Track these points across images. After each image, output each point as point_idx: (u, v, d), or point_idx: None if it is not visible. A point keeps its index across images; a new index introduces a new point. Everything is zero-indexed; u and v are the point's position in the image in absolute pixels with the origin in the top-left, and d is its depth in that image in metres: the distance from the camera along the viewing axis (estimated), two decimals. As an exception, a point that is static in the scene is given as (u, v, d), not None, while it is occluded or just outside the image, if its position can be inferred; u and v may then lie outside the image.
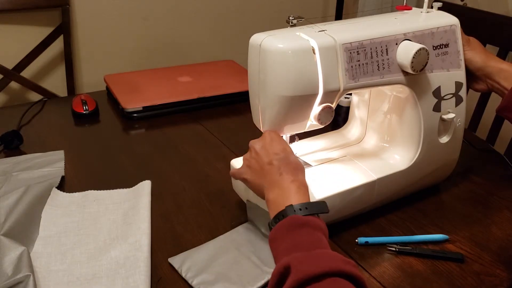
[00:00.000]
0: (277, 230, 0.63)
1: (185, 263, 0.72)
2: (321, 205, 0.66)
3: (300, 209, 0.63)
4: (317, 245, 0.59)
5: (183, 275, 0.71)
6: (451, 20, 0.85)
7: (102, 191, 0.90)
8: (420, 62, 0.77)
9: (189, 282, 0.69)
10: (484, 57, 0.88)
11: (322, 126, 0.79)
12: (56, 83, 1.70)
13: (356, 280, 0.54)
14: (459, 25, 0.85)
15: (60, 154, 1.03)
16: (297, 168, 0.70)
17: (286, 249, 0.59)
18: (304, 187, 0.68)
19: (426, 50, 0.77)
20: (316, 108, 0.76)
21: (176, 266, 0.72)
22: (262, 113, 0.77)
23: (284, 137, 0.83)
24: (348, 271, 0.54)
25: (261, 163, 0.71)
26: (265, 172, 0.70)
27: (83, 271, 0.71)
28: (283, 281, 0.55)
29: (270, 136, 0.75)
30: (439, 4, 0.86)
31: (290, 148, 0.73)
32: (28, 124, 1.19)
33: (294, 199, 0.65)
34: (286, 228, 0.62)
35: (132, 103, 1.22)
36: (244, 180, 0.75)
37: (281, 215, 0.64)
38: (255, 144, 0.74)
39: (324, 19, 1.29)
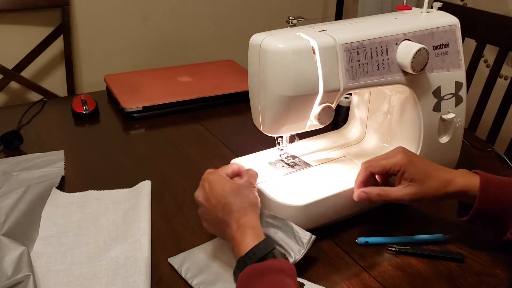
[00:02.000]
0: (240, 284, 0.61)
1: (184, 263, 0.72)
2: (267, 243, 0.64)
3: (250, 258, 0.62)
4: None
5: (183, 275, 0.71)
6: (451, 20, 0.85)
7: (102, 191, 0.90)
8: (420, 62, 0.77)
9: (189, 282, 0.69)
10: (439, 191, 0.74)
11: (322, 126, 0.79)
12: (56, 83, 1.70)
13: None
14: (459, 25, 0.85)
15: (60, 154, 1.03)
16: (239, 209, 0.68)
17: None
18: (250, 229, 0.66)
19: (426, 50, 0.77)
20: (316, 108, 0.76)
21: (175, 266, 0.72)
22: (262, 113, 0.77)
23: (284, 137, 0.83)
24: None
25: (212, 216, 0.70)
26: (218, 226, 0.70)
27: (83, 271, 0.71)
28: None
29: (208, 181, 0.72)
30: (439, 4, 0.86)
31: (230, 186, 0.70)
32: (28, 124, 1.19)
33: (243, 249, 0.64)
34: (247, 281, 0.60)
35: (132, 103, 1.22)
36: (213, 233, 0.75)
37: (238, 271, 0.63)
38: (199, 197, 0.72)
39: (324, 19, 1.29)
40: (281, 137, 0.83)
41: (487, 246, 0.77)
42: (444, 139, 0.88)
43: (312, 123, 0.78)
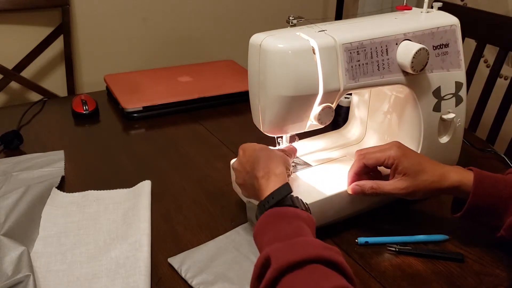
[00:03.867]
0: (257, 226, 0.64)
1: (184, 263, 0.72)
2: (285, 187, 0.66)
3: (268, 201, 0.65)
4: (297, 234, 0.60)
5: (183, 275, 0.71)
6: (451, 20, 0.85)
7: (102, 191, 0.90)
8: (420, 62, 0.77)
9: (189, 282, 0.69)
10: (434, 185, 0.74)
11: (322, 126, 0.79)
12: (56, 83, 1.71)
13: (337, 266, 0.54)
14: (459, 25, 0.85)
15: (60, 154, 1.03)
16: (265, 160, 0.71)
17: (267, 242, 0.60)
18: (273, 175, 0.68)
19: (426, 50, 0.77)
20: (316, 108, 0.76)
21: (175, 266, 0.72)
22: (262, 113, 0.77)
23: (284, 137, 0.83)
24: (327, 257, 0.54)
25: (244, 176, 0.74)
26: (249, 183, 0.73)
27: (83, 271, 0.71)
28: (264, 272, 0.55)
29: (242, 148, 0.76)
30: (439, 4, 0.86)
31: (260, 146, 0.74)
32: (28, 124, 1.19)
33: (265, 193, 0.67)
34: (265, 223, 0.63)
35: (132, 103, 1.22)
36: (245, 195, 0.78)
37: (258, 214, 0.66)
38: (234, 164, 0.78)
39: (324, 19, 1.29)
40: (281, 137, 0.83)
41: (487, 246, 0.77)
42: (444, 139, 0.88)
43: (312, 123, 0.78)
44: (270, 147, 0.77)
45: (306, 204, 0.67)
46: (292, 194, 0.66)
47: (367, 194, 0.76)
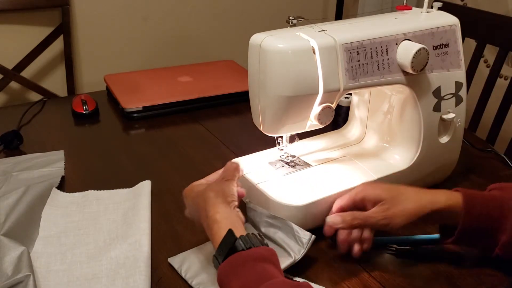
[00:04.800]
0: (219, 278, 0.60)
1: (184, 263, 0.72)
2: (228, 236, 0.61)
3: (220, 254, 0.61)
4: (263, 278, 0.56)
5: (183, 275, 0.71)
6: (451, 20, 0.84)
7: (102, 191, 0.90)
8: (420, 62, 0.77)
9: (189, 282, 0.69)
10: (414, 210, 0.70)
11: (322, 126, 0.79)
12: (56, 83, 1.71)
13: None
14: (459, 25, 0.85)
15: (60, 154, 1.03)
16: (205, 205, 0.67)
17: None
18: (215, 224, 0.64)
19: (426, 50, 0.77)
20: (316, 108, 0.76)
21: (175, 266, 0.72)
22: (262, 113, 0.77)
23: (284, 137, 0.83)
24: None
25: (200, 224, 0.70)
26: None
27: (83, 271, 0.71)
28: None
29: (185, 197, 0.75)
30: (439, 4, 0.86)
31: (197, 188, 0.72)
32: (28, 124, 1.19)
33: (216, 244, 0.62)
34: (226, 273, 0.59)
35: (132, 103, 1.22)
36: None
37: (215, 266, 0.62)
38: (186, 213, 0.76)
39: (324, 19, 1.29)
40: (281, 137, 0.83)
41: (487, 246, 0.77)
42: (444, 139, 0.88)
43: (312, 123, 0.78)
44: (209, 177, 0.75)
45: (259, 235, 0.63)
46: (239, 237, 0.61)
47: (348, 223, 0.70)
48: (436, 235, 0.78)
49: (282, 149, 0.86)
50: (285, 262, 0.69)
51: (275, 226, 0.74)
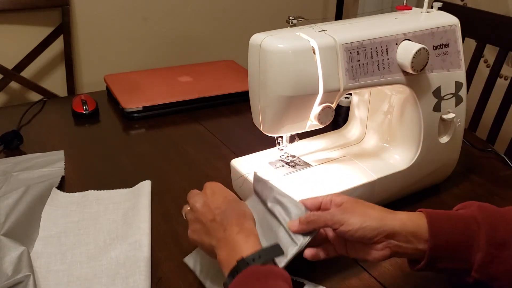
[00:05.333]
0: (237, 283, 0.56)
1: (198, 262, 0.71)
2: (275, 249, 0.61)
3: (254, 260, 0.58)
4: None
5: (197, 274, 0.69)
6: (451, 20, 0.84)
7: (102, 191, 0.90)
8: (420, 62, 0.77)
9: (202, 282, 0.68)
10: (374, 216, 0.63)
11: (322, 126, 0.79)
12: (56, 83, 1.71)
13: None
14: (459, 25, 0.85)
15: (60, 154, 1.03)
16: (241, 216, 0.64)
17: None
18: (253, 235, 0.62)
19: (426, 50, 0.77)
20: (316, 108, 0.76)
21: (190, 265, 0.71)
22: (262, 113, 0.77)
23: (284, 137, 0.83)
24: None
25: (204, 221, 0.65)
26: (210, 230, 0.64)
27: (83, 271, 0.71)
28: None
29: (211, 189, 0.69)
30: (439, 4, 0.86)
31: (233, 196, 0.68)
32: (28, 124, 1.19)
33: (245, 251, 0.59)
34: (248, 282, 0.56)
35: (132, 103, 1.22)
36: (194, 242, 0.68)
37: (235, 271, 0.57)
38: (196, 202, 0.68)
39: (324, 19, 1.29)
40: (281, 137, 0.83)
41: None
42: (444, 139, 0.88)
43: (312, 123, 0.78)
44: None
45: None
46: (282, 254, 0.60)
47: (304, 228, 0.64)
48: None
49: (282, 149, 0.86)
50: (291, 251, 0.64)
51: (283, 205, 0.69)
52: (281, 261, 0.64)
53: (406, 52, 0.77)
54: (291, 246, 0.65)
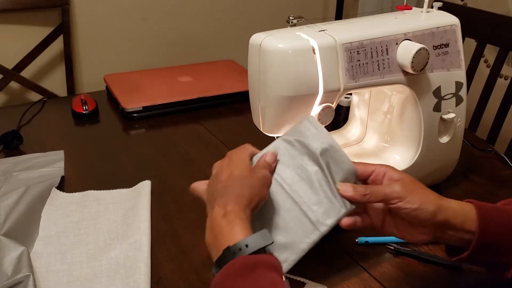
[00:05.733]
0: (224, 274, 0.54)
1: None
2: (264, 236, 0.57)
3: (240, 249, 0.55)
4: None
5: None
6: (451, 20, 0.84)
7: (102, 191, 0.89)
8: (420, 62, 0.77)
9: None
10: (432, 200, 0.62)
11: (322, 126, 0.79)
12: (56, 83, 1.70)
13: None
14: (459, 25, 0.85)
15: (60, 154, 1.03)
16: (235, 196, 0.60)
17: None
18: (239, 220, 0.58)
19: (426, 50, 0.77)
20: (316, 108, 0.76)
21: None
22: (262, 113, 0.77)
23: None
24: None
25: (213, 189, 0.64)
26: (209, 202, 0.63)
27: (83, 271, 0.71)
28: None
29: (230, 158, 0.66)
30: (439, 4, 0.86)
31: (243, 172, 0.63)
32: (28, 124, 1.19)
33: (231, 238, 0.56)
34: (235, 272, 0.53)
35: (132, 103, 1.22)
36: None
37: (221, 263, 0.55)
38: (214, 168, 0.67)
39: (324, 19, 1.29)
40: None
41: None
42: (444, 139, 0.88)
43: (312, 123, 0.78)
44: (258, 170, 0.65)
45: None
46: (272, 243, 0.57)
47: (357, 197, 0.63)
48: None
49: (282, 149, 0.85)
50: (338, 214, 0.62)
51: (334, 160, 0.65)
52: (327, 224, 0.62)
53: (406, 52, 0.77)
54: (341, 208, 0.63)
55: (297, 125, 0.70)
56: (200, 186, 0.68)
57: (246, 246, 0.55)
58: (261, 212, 0.64)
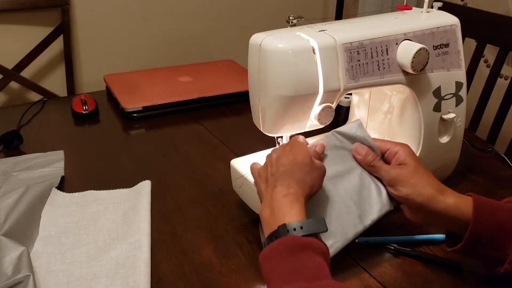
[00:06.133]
0: (273, 249, 0.57)
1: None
2: (319, 223, 0.60)
3: (295, 229, 0.58)
4: (319, 274, 0.54)
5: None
6: (451, 20, 0.84)
7: (102, 191, 0.90)
8: (420, 62, 0.77)
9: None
10: (425, 193, 0.67)
11: (322, 126, 0.79)
12: (56, 83, 1.70)
13: None
14: (459, 25, 0.85)
15: (60, 154, 1.03)
16: (299, 181, 0.64)
17: (285, 274, 0.54)
18: (299, 203, 0.62)
19: (426, 50, 0.77)
20: (316, 108, 0.76)
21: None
22: (262, 113, 0.77)
23: (284, 137, 0.83)
24: None
25: (269, 171, 0.67)
26: (268, 181, 0.66)
27: (83, 271, 0.71)
28: None
29: (291, 145, 0.70)
30: (439, 4, 0.86)
31: (306, 159, 0.67)
32: (28, 124, 1.19)
33: (288, 217, 0.60)
34: (284, 249, 0.57)
35: (132, 103, 1.22)
36: (255, 180, 0.71)
37: (273, 237, 0.59)
38: (274, 152, 0.70)
39: (324, 19, 1.29)
40: (281, 137, 0.83)
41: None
42: (444, 139, 0.88)
43: (312, 123, 0.78)
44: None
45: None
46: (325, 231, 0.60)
47: (363, 161, 0.72)
48: (437, 235, 0.78)
49: (282, 149, 0.86)
50: (383, 209, 0.71)
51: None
52: (371, 219, 0.70)
53: (406, 52, 0.77)
54: (385, 206, 0.71)
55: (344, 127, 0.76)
56: (256, 165, 0.73)
57: (301, 228, 0.58)
58: (315, 200, 0.69)
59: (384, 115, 0.90)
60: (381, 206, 0.72)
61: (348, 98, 1.03)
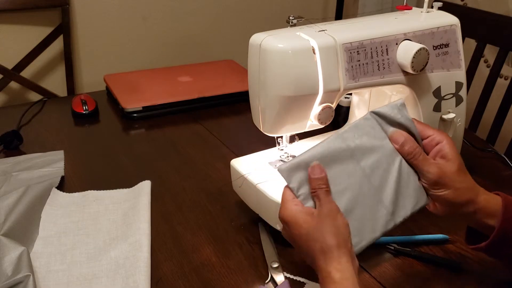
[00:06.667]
0: None
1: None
2: None
3: None
4: None
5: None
6: (451, 20, 0.84)
7: (102, 191, 0.90)
8: (420, 62, 0.77)
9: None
10: (460, 195, 0.65)
11: (322, 126, 0.79)
12: (56, 83, 1.70)
13: None
14: (459, 25, 0.85)
15: (60, 154, 1.03)
16: (320, 253, 0.57)
17: None
18: (331, 284, 0.55)
19: (426, 50, 0.77)
20: (316, 108, 0.76)
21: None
22: (262, 113, 0.77)
23: (284, 137, 0.83)
24: None
25: (303, 251, 0.60)
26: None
27: (83, 271, 0.71)
28: None
29: (285, 222, 0.61)
30: (439, 4, 0.86)
31: (303, 227, 0.59)
32: (28, 124, 1.19)
33: None
34: None
35: (132, 103, 1.22)
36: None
37: None
38: (284, 235, 0.63)
39: (324, 19, 1.29)
40: (281, 137, 0.83)
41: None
42: (444, 139, 0.88)
43: (312, 123, 0.78)
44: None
45: None
46: None
47: (400, 149, 0.65)
48: (437, 235, 0.78)
49: (282, 149, 0.86)
50: (421, 203, 0.65)
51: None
52: (402, 216, 0.65)
53: (406, 52, 0.77)
54: (418, 203, 0.66)
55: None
56: None
57: None
58: (341, 194, 0.64)
59: (384, 115, 0.90)
60: (415, 202, 0.66)
61: (348, 98, 1.03)
